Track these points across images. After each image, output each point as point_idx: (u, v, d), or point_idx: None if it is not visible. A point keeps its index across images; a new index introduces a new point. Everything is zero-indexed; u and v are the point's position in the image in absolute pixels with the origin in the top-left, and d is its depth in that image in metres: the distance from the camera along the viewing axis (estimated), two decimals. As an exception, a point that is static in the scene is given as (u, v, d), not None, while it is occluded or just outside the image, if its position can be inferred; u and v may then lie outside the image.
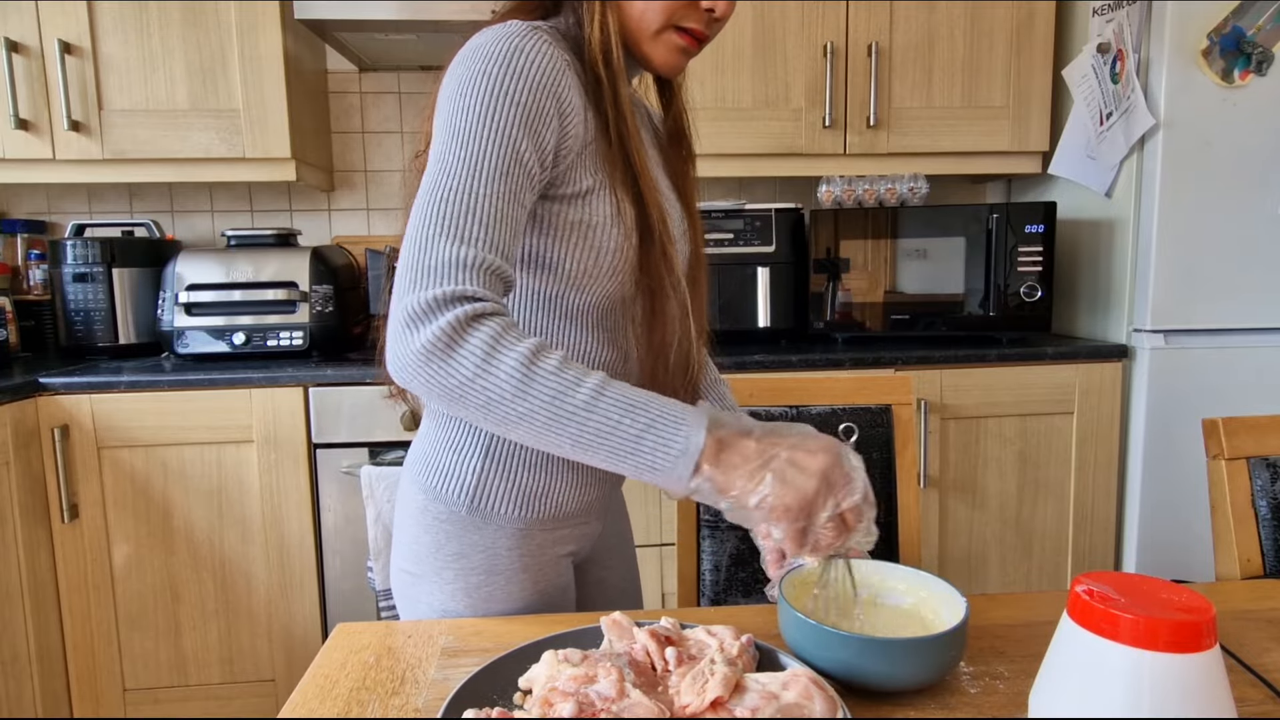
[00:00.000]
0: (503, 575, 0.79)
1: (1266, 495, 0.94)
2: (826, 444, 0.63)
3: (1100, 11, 1.87)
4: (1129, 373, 1.85)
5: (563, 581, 0.84)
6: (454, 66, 0.69)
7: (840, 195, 1.95)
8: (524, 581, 0.80)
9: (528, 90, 0.66)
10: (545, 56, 0.67)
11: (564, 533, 0.83)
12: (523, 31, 0.68)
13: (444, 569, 0.79)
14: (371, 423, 1.70)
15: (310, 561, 1.72)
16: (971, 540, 1.87)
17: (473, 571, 0.78)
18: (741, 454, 0.62)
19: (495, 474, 0.77)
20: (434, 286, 0.61)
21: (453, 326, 0.60)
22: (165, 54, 1.81)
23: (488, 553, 0.78)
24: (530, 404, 0.60)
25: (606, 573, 0.95)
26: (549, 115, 0.67)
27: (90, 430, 1.64)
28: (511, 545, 0.79)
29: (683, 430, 0.61)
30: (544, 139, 0.68)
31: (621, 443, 0.61)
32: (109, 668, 1.71)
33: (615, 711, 0.54)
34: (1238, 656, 0.67)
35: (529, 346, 0.61)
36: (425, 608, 0.81)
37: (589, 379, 0.62)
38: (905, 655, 0.59)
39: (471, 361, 0.60)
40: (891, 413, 1.15)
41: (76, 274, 1.86)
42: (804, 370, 1.75)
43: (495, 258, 0.64)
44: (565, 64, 0.69)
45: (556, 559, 0.83)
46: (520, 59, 0.66)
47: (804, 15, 1.94)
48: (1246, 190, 1.76)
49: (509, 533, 0.79)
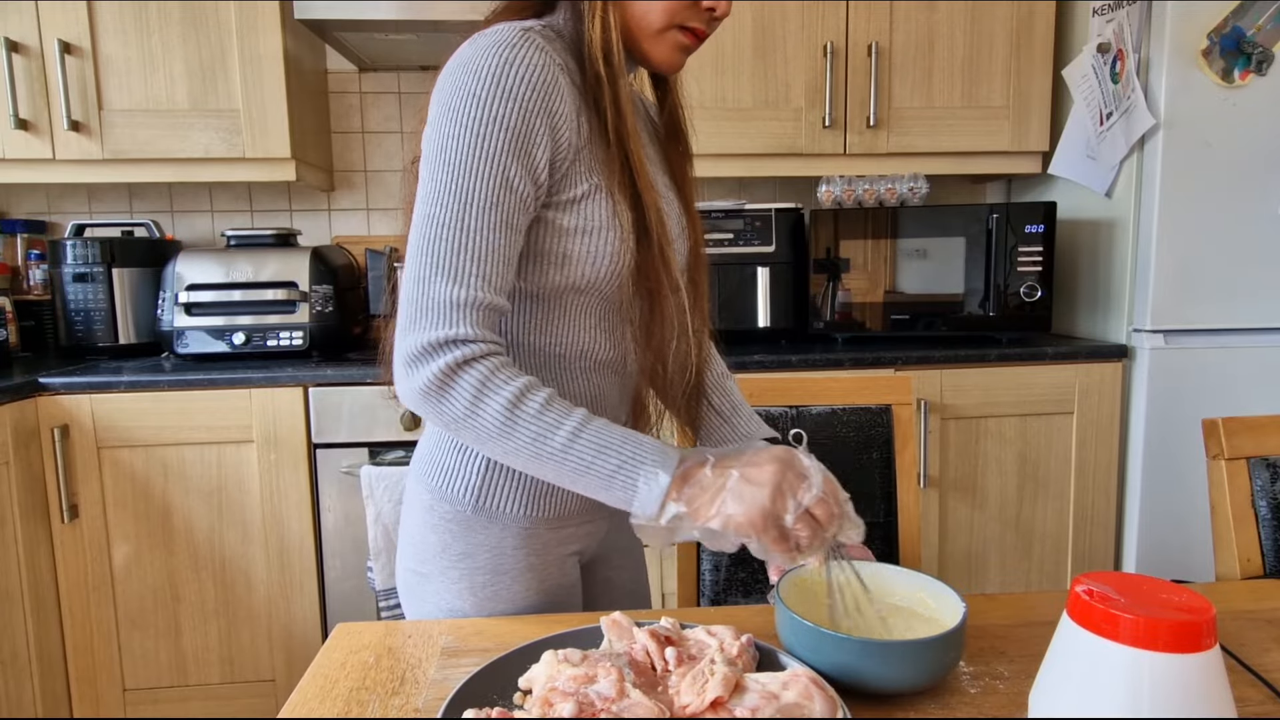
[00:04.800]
0: (509, 574, 0.79)
1: (1266, 495, 0.94)
2: (776, 454, 0.66)
3: (1100, 11, 1.87)
4: (1129, 373, 1.85)
5: (568, 581, 0.84)
6: (443, 79, 0.68)
7: (840, 195, 1.95)
8: (529, 580, 0.80)
9: (518, 111, 0.66)
10: (535, 69, 0.66)
11: (569, 531, 0.83)
12: (512, 41, 0.66)
13: (450, 569, 0.79)
14: (371, 423, 1.69)
15: (310, 561, 1.72)
16: (971, 540, 1.87)
17: (479, 571, 0.79)
18: (700, 485, 0.65)
19: (500, 473, 0.78)
20: (430, 330, 0.65)
21: (445, 372, 0.65)
22: (165, 54, 1.81)
23: (494, 552, 0.79)
24: (514, 444, 0.66)
25: (614, 573, 0.95)
26: (540, 134, 0.67)
27: (90, 430, 1.64)
28: (517, 544, 0.79)
29: (648, 469, 0.65)
30: (536, 159, 0.68)
31: (597, 480, 0.66)
32: (109, 668, 1.71)
33: (615, 711, 0.54)
34: (1238, 656, 0.67)
35: (514, 390, 0.66)
36: (432, 607, 0.81)
37: (568, 421, 0.66)
38: (903, 657, 0.59)
39: (462, 404, 0.65)
40: (891, 413, 1.15)
41: (76, 274, 1.86)
42: (804, 370, 1.75)
43: (489, 294, 0.67)
44: (559, 69, 0.68)
45: (562, 558, 0.83)
46: (510, 75, 0.65)
47: (804, 15, 1.94)
48: (1246, 190, 1.76)
49: (514, 532, 0.79)
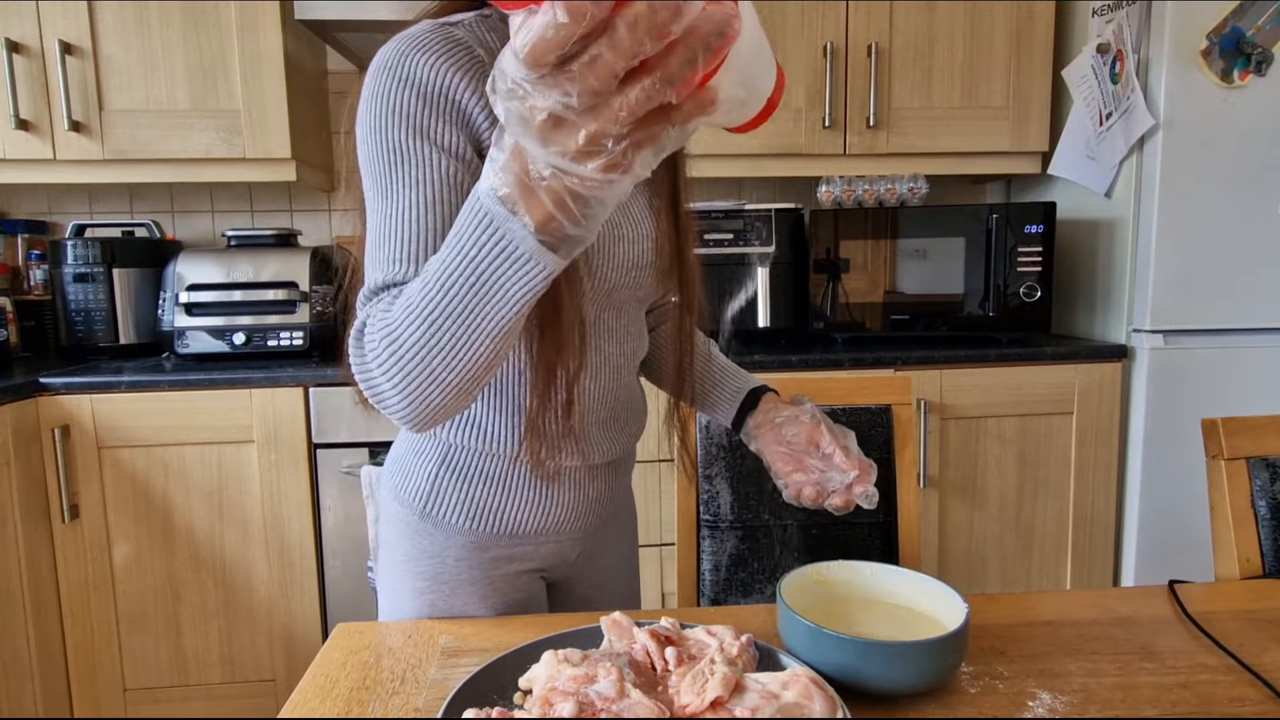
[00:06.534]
0: (447, 585, 0.78)
1: (1266, 495, 0.94)
2: None
3: (1100, 12, 1.87)
4: (1128, 373, 1.85)
5: (522, 597, 0.81)
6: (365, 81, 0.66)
7: (840, 195, 1.95)
8: (470, 594, 0.78)
9: (413, 93, 0.63)
10: (430, 67, 0.63)
11: (526, 550, 0.80)
12: (416, 41, 0.64)
13: (394, 568, 0.79)
14: (371, 423, 1.69)
15: (310, 561, 1.72)
16: (971, 540, 1.87)
17: (419, 576, 0.78)
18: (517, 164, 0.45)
19: (449, 481, 0.76)
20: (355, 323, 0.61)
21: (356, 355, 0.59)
22: (165, 54, 1.81)
23: (435, 560, 0.77)
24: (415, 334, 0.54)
25: (594, 591, 0.91)
26: (447, 116, 0.63)
27: (91, 430, 1.64)
28: (460, 556, 0.77)
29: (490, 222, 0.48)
30: (447, 139, 0.63)
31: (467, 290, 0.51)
32: (109, 668, 1.71)
33: (615, 711, 0.54)
34: (1238, 657, 0.67)
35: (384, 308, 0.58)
36: (384, 603, 0.82)
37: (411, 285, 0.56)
38: (904, 658, 0.59)
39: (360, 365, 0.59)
40: (891, 413, 1.15)
41: (77, 274, 1.86)
42: (804, 370, 1.75)
43: (413, 270, 0.61)
44: (468, 63, 0.64)
45: (514, 575, 0.80)
46: (407, 67, 0.63)
47: (804, 15, 1.94)
48: (1246, 190, 1.76)
49: (459, 543, 0.77)
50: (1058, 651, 0.68)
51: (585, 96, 0.35)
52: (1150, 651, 0.68)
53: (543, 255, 0.47)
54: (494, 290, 0.50)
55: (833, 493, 0.77)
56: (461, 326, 0.52)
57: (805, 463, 0.79)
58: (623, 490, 0.91)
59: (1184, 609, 0.76)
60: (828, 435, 0.79)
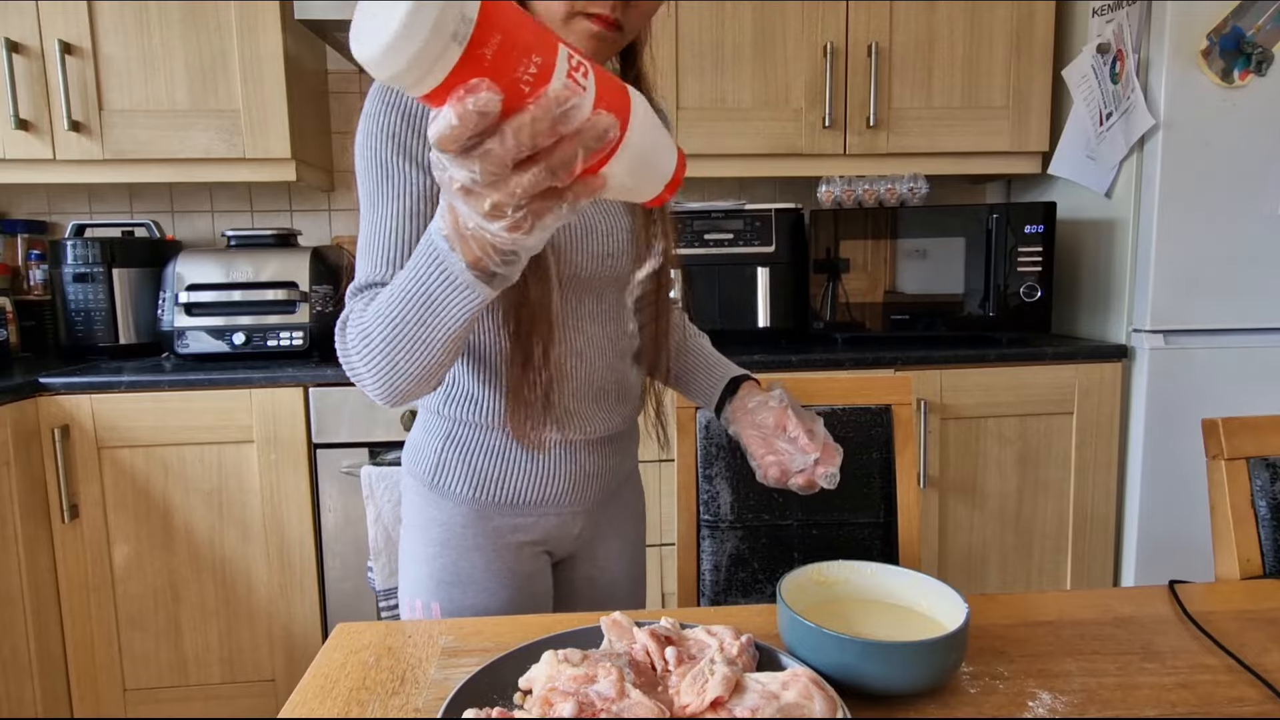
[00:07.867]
0: (455, 550, 0.85)
1: (1266, 495, 0.94)
2: None
3: (1100, 12, 1.87)
4: (1128, 373, 1.85)
5: (527, 569, 0.88)
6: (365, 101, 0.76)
7: (840, 195, 1.95)
8: (476, 560, 0.85)
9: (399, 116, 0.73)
10: None
11: (526, 520, 0.87)
12: None
13: (411, 538, 0.88)
14: (371, 423, 1.70)
15: (310, 561, 1.72)
16: (971, 540, 1.87)
17: (430, 543, 0.86)
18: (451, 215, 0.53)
19: (453, 454, 0.85)
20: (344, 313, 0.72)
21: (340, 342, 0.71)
22: (165, 54, 1.81)
23: (444, 527, 0.86)
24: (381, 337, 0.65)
25: (598, 572, 0.96)
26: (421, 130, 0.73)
27: (90, 430, 1.64)
28: (466, 523, 0.85)
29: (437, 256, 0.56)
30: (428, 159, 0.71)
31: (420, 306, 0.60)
32: (109, 668, 1.71)
33: (615, 711, 0.54)
34: (1238, 657, 0.67)
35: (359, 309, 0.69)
36: (403, 571, 0.90)
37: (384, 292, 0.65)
38: (905, 659, 0.59)
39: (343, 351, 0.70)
40: (891, 413, 1.15)
41: (77, 274, 1.86)
42: (804, 370, 1.75)
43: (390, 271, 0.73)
44: None
45: (518, 545, 0.87)
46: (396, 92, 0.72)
47: (804, 15, 1.94)
48: (1246, 190, 1.76)
49: (464, 511, 0.85)
50: (1058, 651, 0.68)
51: (486, 175, 0.42)
52: (1150, 651, 0.68)
53: (477, 286, 0.55)
54: (439, 308, 0.59)
55: (798, 473, 0.81)
56: (417, 331, 0.62)
57: (775, 445, 0.83)
58: (624, 470, 0.96)
59: (1184, 609, 0.76)
60: (794, 419, 0.83)
